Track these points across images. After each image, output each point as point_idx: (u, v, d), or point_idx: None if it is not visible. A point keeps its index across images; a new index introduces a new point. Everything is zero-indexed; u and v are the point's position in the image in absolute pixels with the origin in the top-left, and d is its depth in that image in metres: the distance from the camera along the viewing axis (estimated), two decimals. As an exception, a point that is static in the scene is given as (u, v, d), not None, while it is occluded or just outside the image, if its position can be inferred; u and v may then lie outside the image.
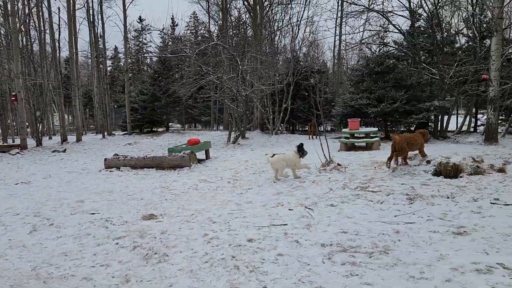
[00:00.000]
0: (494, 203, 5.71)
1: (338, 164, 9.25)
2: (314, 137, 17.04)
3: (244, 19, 25.80)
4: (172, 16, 50.11)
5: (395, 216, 5.32)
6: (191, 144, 11.80)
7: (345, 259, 3.87)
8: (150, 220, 5.65)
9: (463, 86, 16.91)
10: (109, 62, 49.27)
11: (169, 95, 22.40)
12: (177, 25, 47.74)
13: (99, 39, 28.81)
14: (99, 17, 26.15)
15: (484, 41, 18.08)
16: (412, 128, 16.35)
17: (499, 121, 16.66)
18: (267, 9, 22.64)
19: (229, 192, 7.49)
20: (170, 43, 34.71)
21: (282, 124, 20.31)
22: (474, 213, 5.28)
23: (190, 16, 45.19)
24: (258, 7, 21.87)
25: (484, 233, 4.40)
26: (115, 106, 36.59)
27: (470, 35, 19.70)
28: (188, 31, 45.09)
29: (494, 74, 13.71)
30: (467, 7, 19.84)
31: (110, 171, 10.62)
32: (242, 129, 17.37)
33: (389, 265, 3.68)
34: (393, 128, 17.01)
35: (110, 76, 42.64)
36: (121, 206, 6.69)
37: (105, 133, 23.66)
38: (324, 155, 9.50)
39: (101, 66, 28.31)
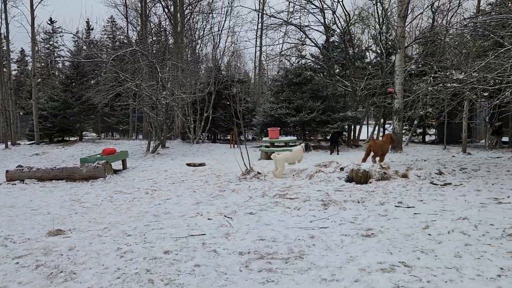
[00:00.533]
0: (398, 206, 6.17)
1: (258, 173, 9.40)
2: (236, 146, 17.14)
3: (165, 26, 25.34)
4: (88, 19, 47.61)
5: (310, 221, 5.52)
6: (106, 154, 11.22)
7: (262, 266, 3.90)
8: (57, 236, 5.23)
9: (372, 98, 18.21)
10: (14, 66, 45.31)
11: (83, 102, 21.17)
12: (92, 29, 45.46)
13: (3, 40, 26.38)
14: (3, 16, 23.94)
15: (390, 57, 19.68)
16: (328, 137, 17.15)
17: (403, 131, 18.18)
18: (188, 17, 22.49)
19: (146, 203, 7.22)
20: (84, 47, 32.88)
21: (203, 133, 20.19)
22: (380, 216, 5.65)
23: (108, 20, 43.25)
24: (178, 15, 21.63)
25: (389, 234, 4.73)
26: (21, 113, 33.66)
27: (378, 51, 21.35)
28: (105, 36, 43.12)
29: (398, 87, 14.94)
30: (375, 25, 21.49)
31: (13, 184, 9.70)
32: (162, 138, 16.95)
33: (304, 270, 3.78)
34: (311, 137, 17.74)
35: (16, 80, 39.21)
36: (23, 222, 6.11)
37: (8, 143, 21.57)
38: (245, 164, 9.59)
39: (4, 69, 25.88)
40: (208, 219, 5.85)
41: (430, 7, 18.66)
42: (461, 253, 4.00)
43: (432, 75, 11.12)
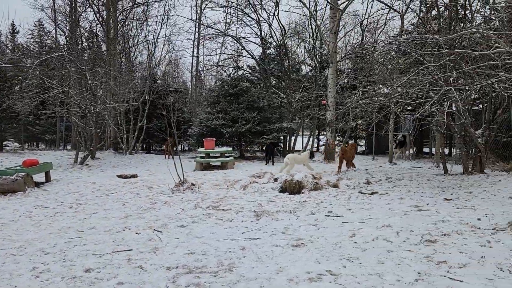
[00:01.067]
0: (328, 216, 6.33)
1: (192, 184, 9.21)
2: (171, 156, 16.76)
3: (96, 31, 24.28)
4: (13, 21, 44.44)
5: (242, 233, 5.48)
6: (27, 166, 10.40)
7: (190, 281, 3.78)
8: (-37, 257, 4.71)
9: (307, 109, 18.76)
10: None
11: (4, 109, 19.59)
12: (18, 32, 42.50)
13: None
14: None
15: (324, 71, 20.45)
16: (264, 148, 17.34)
17: (336, 142, 18.88)
18: (121, 23, 21.78)
19: (69, 218, 6.76)
20: (7, 51, 30.60)
21: (137, 144, 19.54)
22: (311, 225, 5.76)
23: (35, 24, 40.67)
24: (111, 21, 20.89)
25: (318, 244, 4.81)
26: None
27: (312, 65, 22.12)
28: (32, 40, 40.48)
29: (331, 100, 15.52)
30: (309, 40, 22.26)
31: None
32: (92, 148, 16.13)
33: (233, 282, 3.72)
34: (247, 148, 17.84)
35: None
36: None
37: None
38: (178, 175, 9.36)
39: None
40: (136, 233, 5.59)
41: (359, 25, 19.73)
42: (383, 260, 4.16)
43: (361, 89, 11.67)
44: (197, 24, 23.73)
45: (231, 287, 3.62)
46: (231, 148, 14.91)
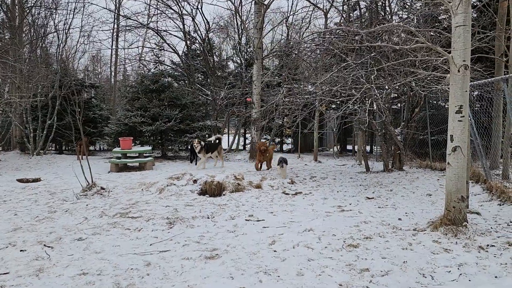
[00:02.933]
0: (248, 220, 5.87)
1: (102, 188, 8.27)
2: (84, 157, 15.34)
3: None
4: None
5: (150, 244, 4.81)
6: None
7: (74, 313, 3.07)
8: None
9: (232, 107, 18.30)
10: None
11: None
12: None
13: None
14: None
15: (250, 68, 20.12)
16: (188, 147, 16.57)
17: (264, 140, 18.65)
18: (28, 11, 19.61)
19: None
20: None
21: (47, 144, 17.71)
22: (229, 232, 5.25)
23: None
24: (17, 8, 18.73)
25: (234, 254, 4.30)
26: None
27: (238, 61, 21.72)
28: None
29: (255, 97, 15.20)
30: (235, 36, 21.84)
31: None
32: (-9, 149, 14.27)
33: (127, 311, 3.07)
34: (169, 147, 16.89)
35: None
36: None
37: None
38: (86, 178, 8.36)
39: None
40: (21, 250, 4.68)
41: (285, 22, 19.69)
42: (303, 271, 3.76)
43: (285, 86, 11.44)
44: (115, 15, 22.20)
45: (125, 317, 2.98)
46: (150, 148, 13.90)
